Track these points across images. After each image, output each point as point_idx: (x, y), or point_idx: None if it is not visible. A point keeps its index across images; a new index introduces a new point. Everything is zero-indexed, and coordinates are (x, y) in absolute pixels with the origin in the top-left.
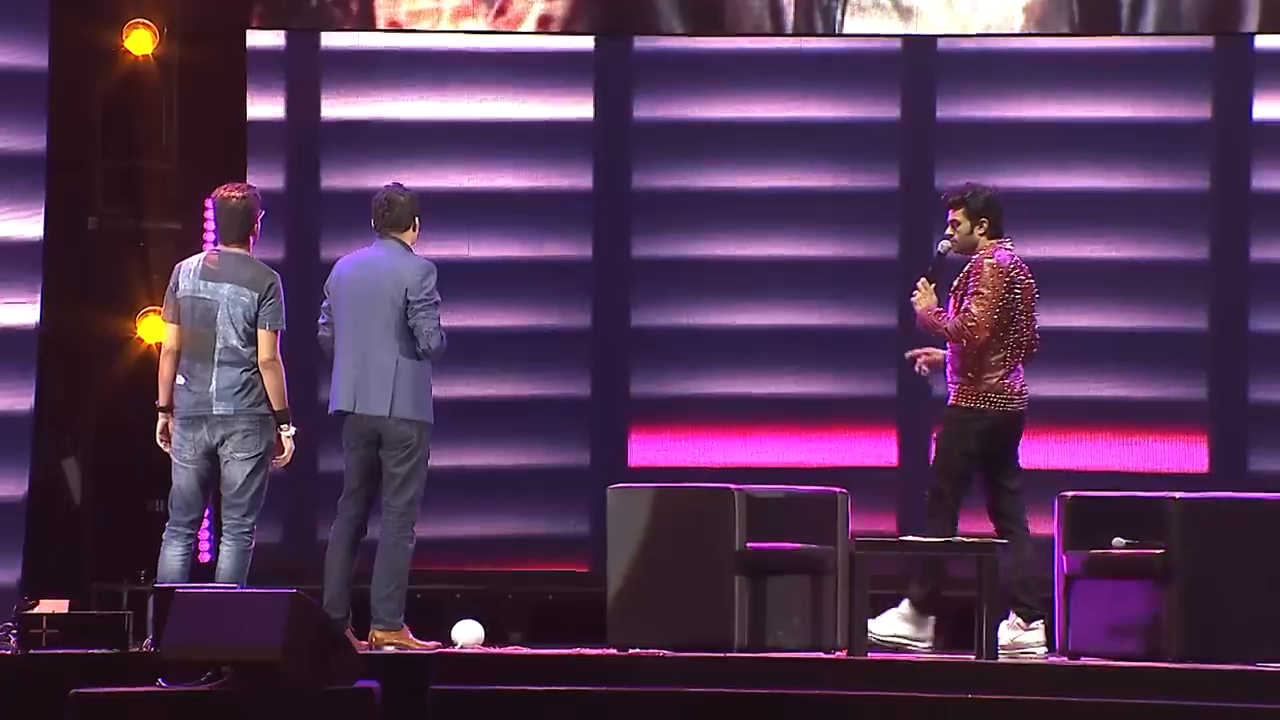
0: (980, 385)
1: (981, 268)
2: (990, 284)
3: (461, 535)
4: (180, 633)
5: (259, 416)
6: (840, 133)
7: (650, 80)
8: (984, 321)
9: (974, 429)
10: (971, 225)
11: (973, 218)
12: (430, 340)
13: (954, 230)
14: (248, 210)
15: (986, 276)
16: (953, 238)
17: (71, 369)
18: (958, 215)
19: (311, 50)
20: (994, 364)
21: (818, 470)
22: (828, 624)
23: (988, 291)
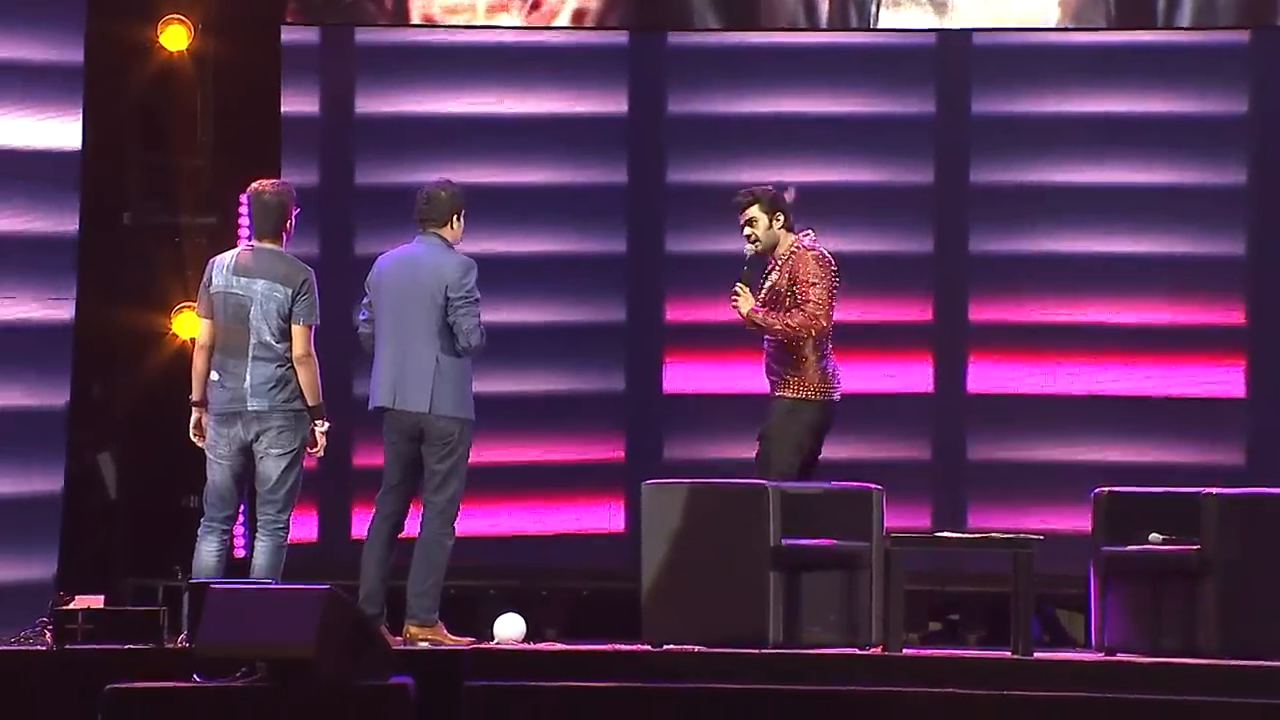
0: (808, 375)
1: (804, 260)
2: (819, 274)
3: (496, 531)
4: (215, 629)
5: (293, 412)
6: (875, 128)
7: (684, 75)
8: (825, 310)
9: (804, 420)
10: (770, 220)
11: (769, 213)
12: (470, 338)
13: (754, 229)
14: (282, 205)
15: (814, 266)
16: (755, 238)
17: (106, 365)
18: (753, 213)
19: (346, 46)
20: (820, 354)
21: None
22: (863, 620)
23: (821, 280)
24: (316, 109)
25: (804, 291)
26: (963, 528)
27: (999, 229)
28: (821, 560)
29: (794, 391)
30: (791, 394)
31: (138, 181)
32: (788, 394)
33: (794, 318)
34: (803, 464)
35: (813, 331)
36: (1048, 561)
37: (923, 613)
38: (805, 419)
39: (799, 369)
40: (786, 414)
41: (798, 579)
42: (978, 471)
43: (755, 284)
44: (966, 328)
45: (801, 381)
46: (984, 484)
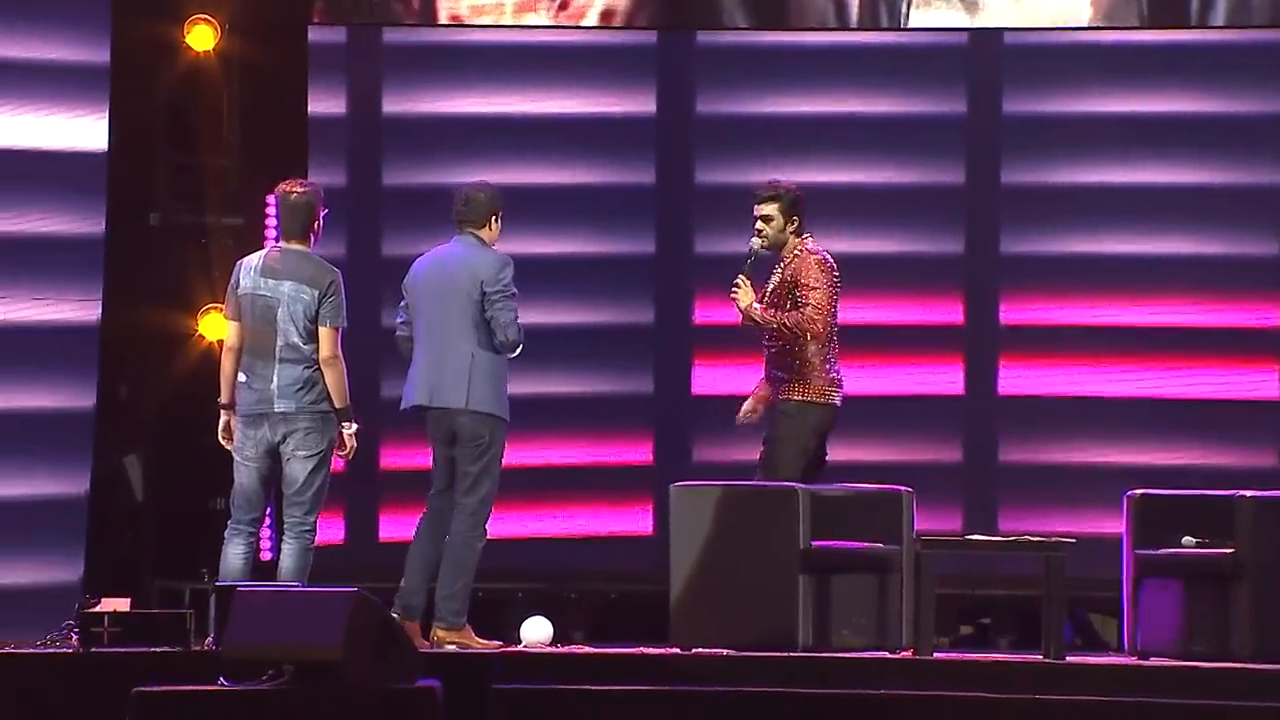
0: (813, 379)
1: (808, 264)
2: (822, 279)
3: (524, 534)
4: (241, 631)
5: (320, 414)
6: (905, 128)
7: (713, 75)
8: (823, 315)
9: (810, 423)
10: (785, 221)
11: (786, 214)
12: (507, 331)
13: (766, 226)
14: (309, 206)
15: (816, 271)
16: (766, 235)
17: (133, 366)
18: (771, 211)
19: (373, 46)
20: (825, 357)
21: (882, 467)
22: (893, 623)
23: (823, 286)
24: (343, 109)
25: (805, 294)
26: (994, 530)
27: (1030, 230)
28: (851, 563)
29: (799, 395)
30: (797, 397)
31: (164, 182)
32: (793, 397)
33: (790, 316)
34: (806, 467)
35: (808, 332)
36: (1080, 564)
37: (953, 616)
38: (811, 422)
39: (804, 373)
40: (792, 417)
41: (827, 582)
42: (1009, 474)
43: (757, 283)
44: (997, 329)
45: (806, 385)
46: (1015, 486)
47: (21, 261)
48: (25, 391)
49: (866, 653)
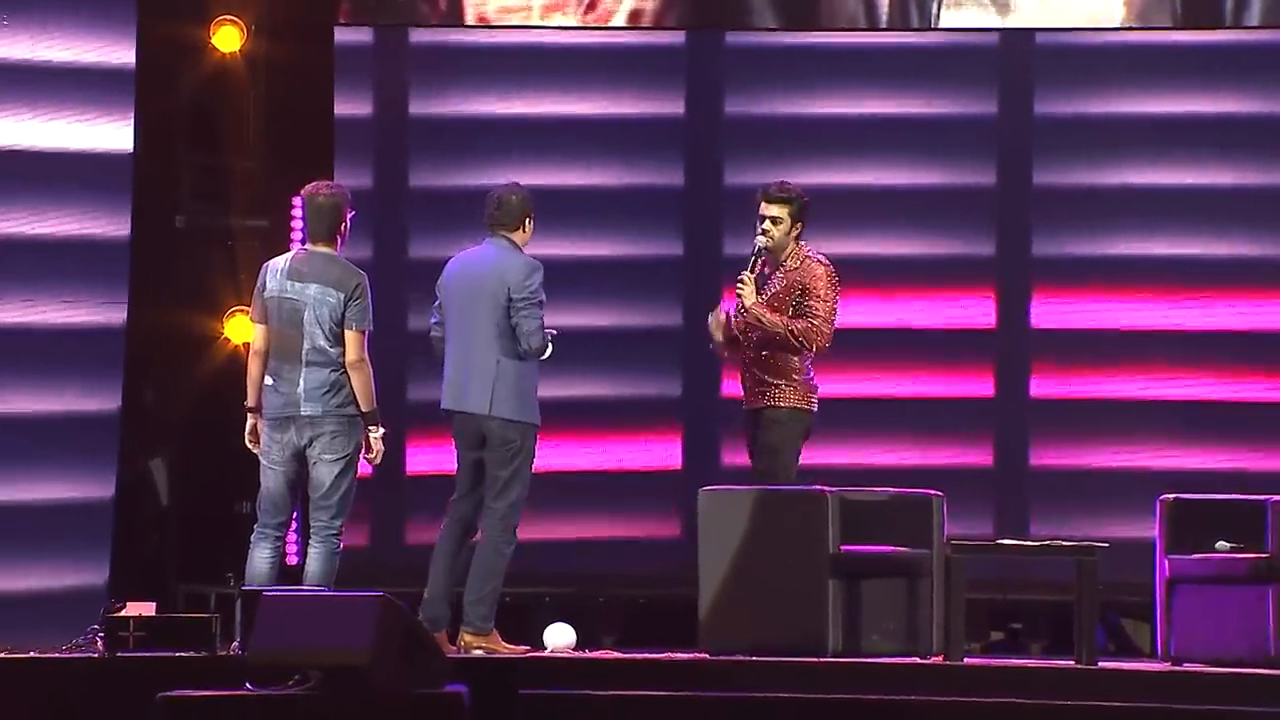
0: (799, 385)
1: (817, 274)
2: (830, 293)
3: (552, 538)
4: (267, 636)
5: (347, 418)
6: (936, 129)
7: (742, 76)
8: (829, 326)
9: (801, 429)
10: (792, 225)
11: (794, 218)
12: (531, 340)
13: (773, 227)
14: (336, 209)
15: (826, 283)
16: (771, 236)
17: (158, 369)
18: (780, 212)
19: (399, 46)
20: (808, 364)
21: (912, 471)
22: (923, 628)
23: (830, 299)
24: (370, 110)
25: (814, 305)
26: (1025, 535)
27: (1062, 232)
28: (881, 568)
29: (789, 401)
30: (787, 404)
31: (189, 184)
32: (783, 403)
33: (798, 324)
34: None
35: (814, 344)
36: (1112, 569)
37: (984, 621)
38: (801, 428)
39: (792, 379)
40: (784, 424)
41: (857, 587)
42: (1040, 477)
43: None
44: (1029, 332)
45: (795, 391)
46: (1047, 490)
47: (46, 264)
48: (50, 395)
49: (896, 658)
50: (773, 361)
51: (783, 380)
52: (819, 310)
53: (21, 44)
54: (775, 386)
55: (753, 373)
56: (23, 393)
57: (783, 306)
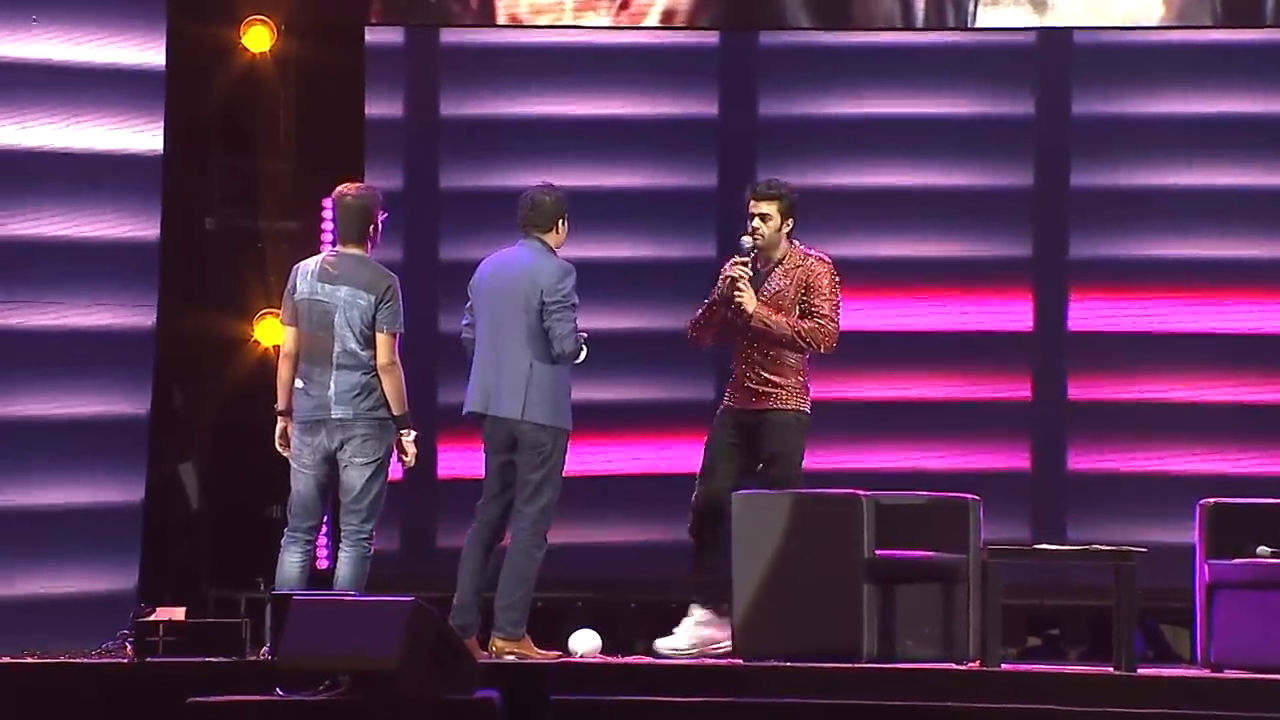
0: (803, 387)
1: (820, 273)
2: (833, 290)
3: (584, 542)
4: (297, 641)
5: (378, 421)
6: (972, 130)
7: (776, 76)
8: (836, 325)
9: (804, 432)
10: (782, 223)
11: (784, 215)
12: (564, 344)
13: (763, 225)
14: (365, 210)
15: (829, 281)
16: (761, 234)
17: (188, 372)
18: (770, 209)
19: (431, 46)
20: (806, 365)
21: (948, 475)
22: (959, 634)
23: (834, 297)
24: (401, 111)
25: (820, 304)
26: (1063, 539)
27: (1100, 233)
28: (917, 572)
29: (794, 404)
30: (793, 406)
31: (219, 186)
32: (788, 406)
33: (804, 324)
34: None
35: (821, 345)
36: (1151, 574)
37: (1021, 627)
38: (804, 430)
39: (795, 381)
40: (793, 428)
41: (893, 592)
42: (1078, 481)
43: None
44: (1065, 335)
45: (798, 393)
46: (1084, 494)
47: (76, 267)
48: (79, 398)
49: (932, 664)
50: (779, 362)
51: (789, 382)
52: (825, 309)
53: (51, 45)
54: (781, 389)
55: (756, 373)
56: (52, 396)
57: (788, 306)
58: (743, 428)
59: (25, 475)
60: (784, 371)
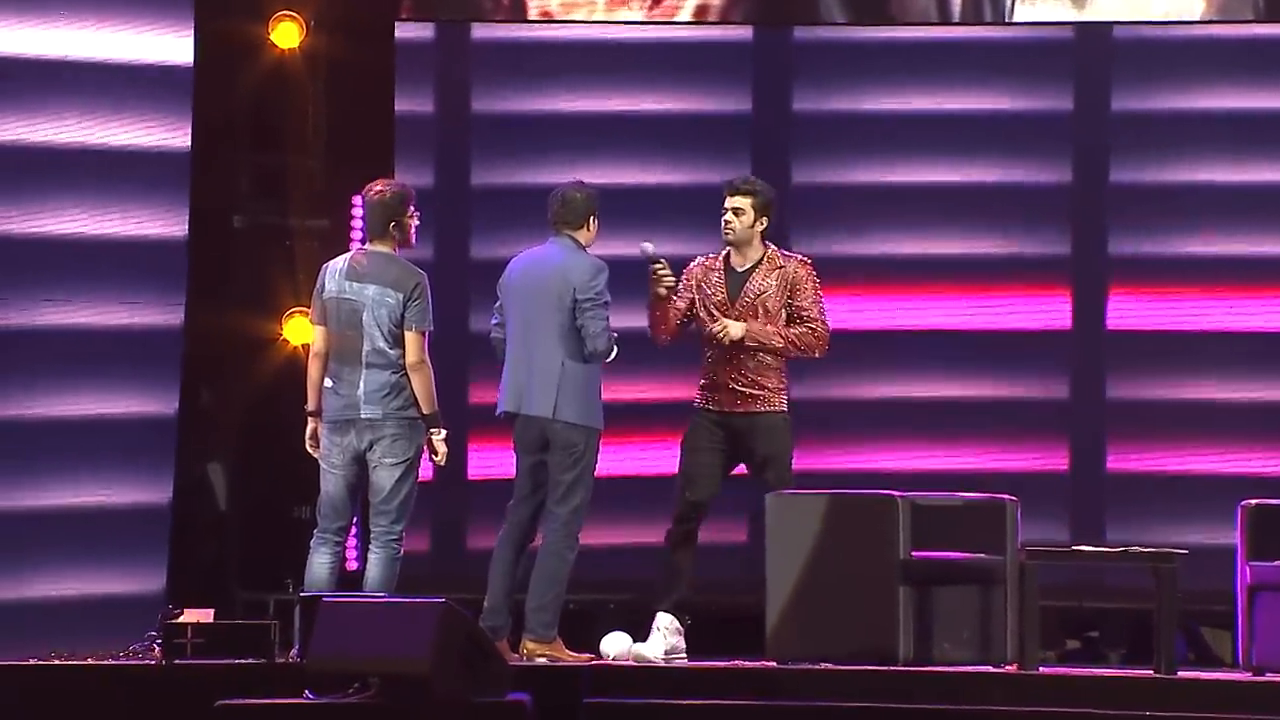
0: (784, 389)
1: (800, 273)
2: (817, 291)
3: (616, 543)
4: (327, 643)
5: (407, 420)
6: (1010, 125)
7: (810, 72)
8: (827, 328)
9: (791, 433)
10: (755, 219)
11: (758, 211)
12: (597, 342)
13: (736, 219)
14: (388, 206)
15: (811, 281)
16: (733, 230)
17: (216, 372)
18: (744, 204)
19: (461, 42)
20: (785, 364)
21: (986, 476)
22: (997, 637)
23: (820, 298)
24: (431, 107)
25: (808, 308)
26: (1102, 541)
27: (1139, 230)
28: (954, 574)
29: (781, 406)
30: (780, 409)
31: (248, 183)
32: (777, 409)
33: (794, 331)
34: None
35: (816, 349)
36: (1192, 576)
37: (1060, 630)
38: (791, 431)
39: (780, 382)
40: (783, 430)
41: (929, 594)
42: (1117, 482)
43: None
44: (1105, 333)
45: (783, 394)
46: (1124, 495)
47: (103, 265)
48: (106, 398)
49: (969, 667)
50: (764, 364)
51: (775, 384)
52: (814, 312)
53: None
54: (769, 391)
55: (744, 376)
56: (79, 395)
57: (775, 307)
58: (728, 431)
59: (52, 476)
60: (770, 374)
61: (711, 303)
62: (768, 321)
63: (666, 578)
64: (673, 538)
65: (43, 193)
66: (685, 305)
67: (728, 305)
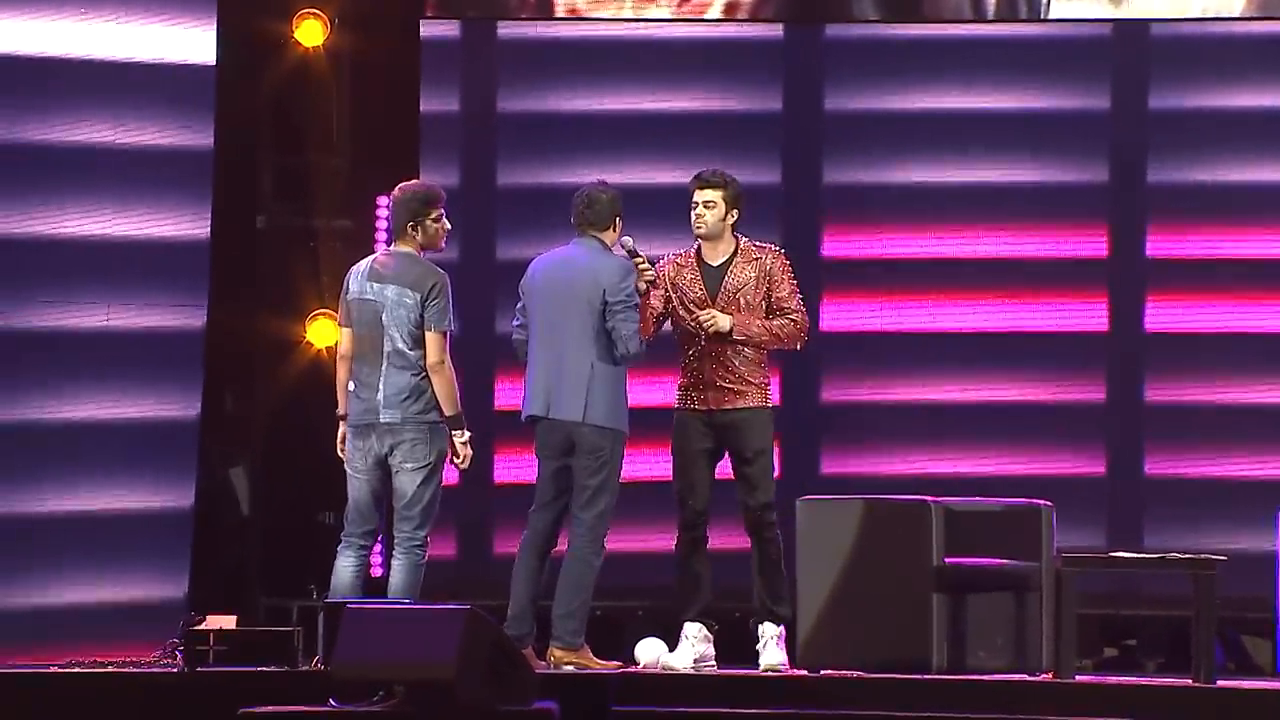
0: (769, 384)
1: (782, 265)
2: (793, 281)
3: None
4: (351, 650)
5: (428, 424)
6: (1046, 124)
7: (842, 70)
8: (807, 320)
9: (773, 428)
10: (727, 212)
11: (729, 204)
12: (629, 344)
13: (707, 212)
14: (406, 204)
15: (788, 271)
16: (704, 222)
17: (239, 374)
18: (714, 196)
19: (488, 40)
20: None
21: (1021, 480)
22: (1032, 645)
23: (796, 289)
24: (457, 106)
25: (786, 300)
26: (1139, 547)
27: (1178, 231)
28: (988, 581)
29: (766, 400)
30: (767, 403)
31: (271, 183)
32: (763, 404)
33: (776, 324)
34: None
35: (799, 341)
36: (1232, 583)
37: (1096, 637)
38: (773, 426)
39: (765, 376)
40: (767, 424)
41: (963, 601)
42: (1155, 487)
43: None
44: (1142, 336)
45: (768, 390)
46: (1162, 500)
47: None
48: (128, 401)
49: (1004, 676)
50: (750, 359)
51: (761, 378)
52: (793, 303)
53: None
54: (755, 385)
55: (732, 371)
56: (100, 398)
57: (756, 299)
58: (716, 428)
59: (73, 480)
60: (754, 368)
61: (689, 299)
62: (749, 315)
63: (685, 587)
64: (683, 546)
65: (60, 193)
66: (660, 304)
67: (707, 301)
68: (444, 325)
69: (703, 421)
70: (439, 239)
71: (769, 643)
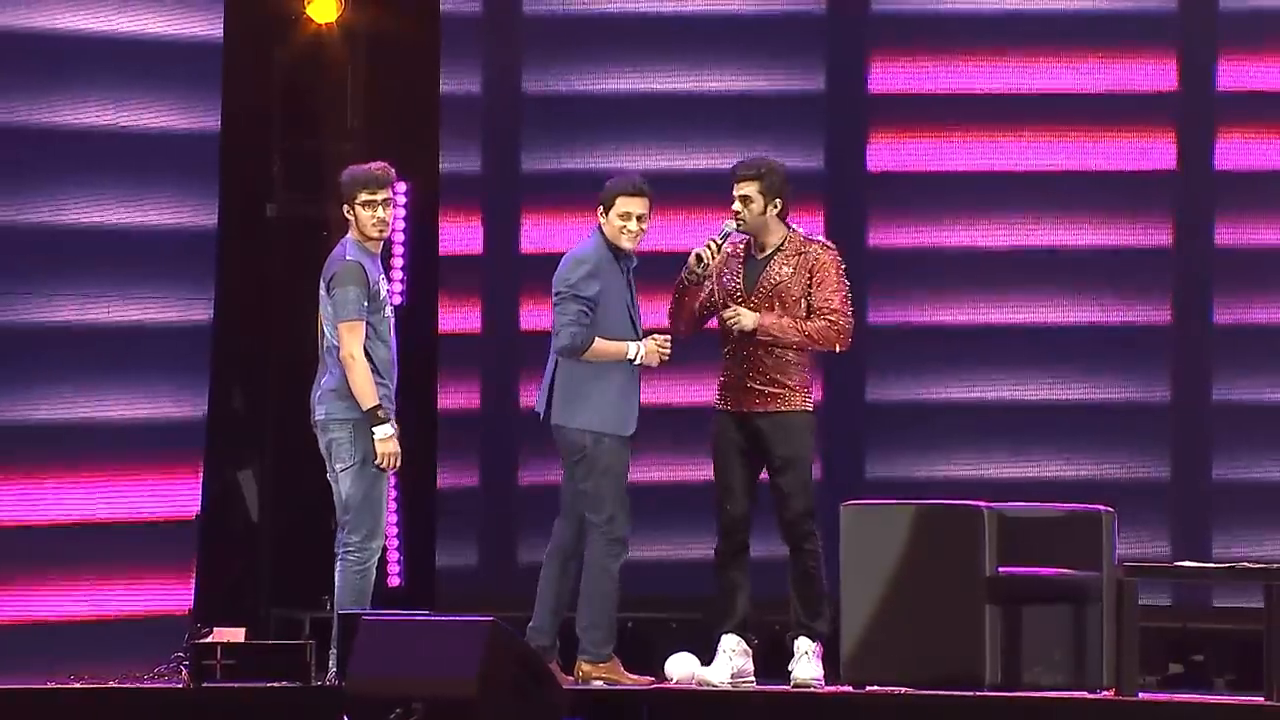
0: (809, 384)
1: (821, 260)
2: (840, 280)
3: (678, 558)
4: (367, 664)
5: (350, 422)
6: (1103, 105)
7: (888, 48)
8: (849, 320)
9: (813, 431)
10: (766, 205)
11: (767, 196)
12: (559, 336)
13: (744, 208)
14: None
15: (833, 269)
16: (743, 219)
17: (248, 372)
18: (750, 190)
19: (511, 17)
20: (809, 359)
21: (1080, 484)
22: (1092, 660)
23: (844, 288)
24: (479, 88)
25: (829, 299)
26: (1206, 556)
27: (1247, 219)
28: (1044, 592)
29: (803, 404)
30: (802, 408)
31: (282, 169)
32: (799, 408)
33: (813, 325)
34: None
35: (835, 344)
36: None
37: (1161, 652)
38: (813, 432)
39: (802, 379)
40: (805, 430)
41: (1017, 613)
42: (1224, 491)
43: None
44: (1210, 331)
45: (806, 392)
46: (1231, 506)
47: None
48: (131, 399)
49: (1062, 693)
50: (785, 361)
51: (797, 381)
52: (835, 303)
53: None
54: (789, 389)
55: (762, 374)
56: (102, 397)
57: (794, 299)
58: (750, 432)
59: (74, 485)
60: (791, 371)
61: (727, 292)
62: (785, 314)
63: (724, 598)
64: (722, 555)
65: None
66: (705, 294)
67: (744, 296)
68: (345, 315)
69: (734, 422)
70: (368, 226)
71: (802, 657)
